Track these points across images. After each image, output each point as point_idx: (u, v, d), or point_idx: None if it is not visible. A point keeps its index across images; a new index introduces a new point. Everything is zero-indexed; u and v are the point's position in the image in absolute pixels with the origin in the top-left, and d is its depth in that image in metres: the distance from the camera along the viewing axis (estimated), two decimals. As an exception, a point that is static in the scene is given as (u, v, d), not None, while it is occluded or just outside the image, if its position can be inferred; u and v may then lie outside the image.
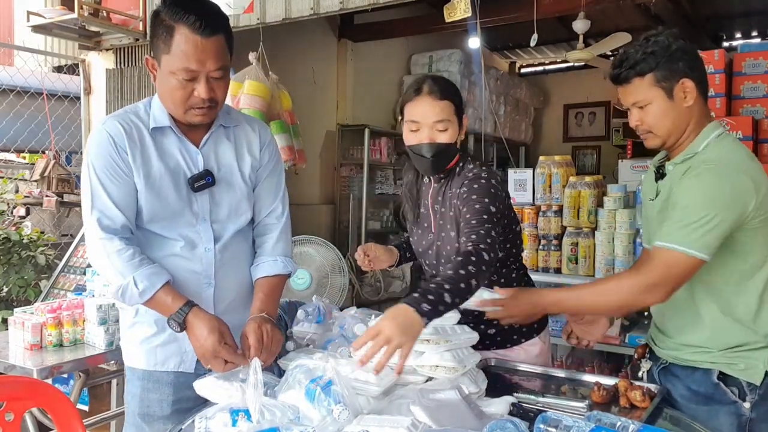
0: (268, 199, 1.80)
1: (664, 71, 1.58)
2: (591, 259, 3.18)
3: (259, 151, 1.78)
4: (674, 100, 1.60)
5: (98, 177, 1.58)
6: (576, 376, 1.80)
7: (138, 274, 1.53)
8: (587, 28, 4.49)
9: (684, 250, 1.48)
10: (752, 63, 3.35)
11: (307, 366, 1.35)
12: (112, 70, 4.26)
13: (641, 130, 1.66)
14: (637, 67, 1.59)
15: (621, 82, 1.65)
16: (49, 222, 4.20)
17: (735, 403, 1.58)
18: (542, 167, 3.38)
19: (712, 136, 1.61)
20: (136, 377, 1.69)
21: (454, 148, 1.80)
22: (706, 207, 1.48)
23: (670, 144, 1.66)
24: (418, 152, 1.79)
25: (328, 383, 1.26)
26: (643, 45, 1.60)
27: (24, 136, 4.26)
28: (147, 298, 1.54)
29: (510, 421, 1.19)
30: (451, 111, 1.77)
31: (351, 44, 5.95)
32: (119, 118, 1.63)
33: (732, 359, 1.59)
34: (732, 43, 7.16)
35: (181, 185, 1.64)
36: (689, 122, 1.62)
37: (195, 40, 1.50)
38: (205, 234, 1.68)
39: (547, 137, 8.75)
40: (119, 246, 1.54)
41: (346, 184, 5.86)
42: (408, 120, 1.79)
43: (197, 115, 1.59)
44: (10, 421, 1.64)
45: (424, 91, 1.76)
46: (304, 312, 1.83)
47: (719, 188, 1.50)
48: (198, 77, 1.53)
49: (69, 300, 2.52)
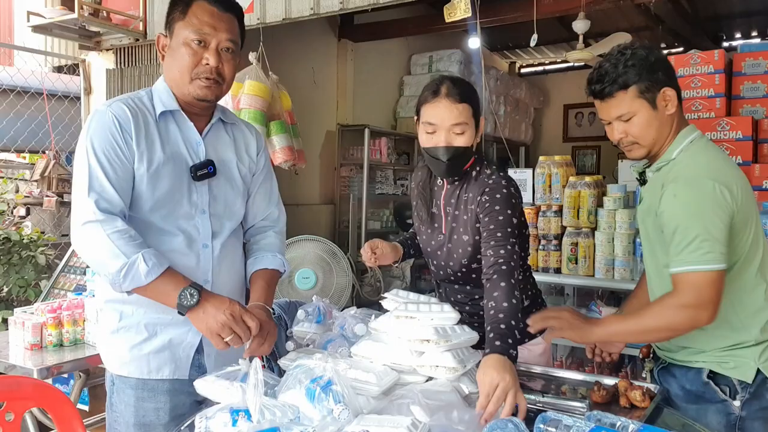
0: (263, 204, 1.83)
1: (646, 82, 1.59)
2: (591, 259, 3.18)
3: (256, 155, 1.80)
4: (657, 110, 1.62)
5: (98, 158, 1.52)
6: (576, 376, 1.80)
7: (146, 251, 1.47)
8: (587, 28, 4.49)
9: (699, 269, 1.49)
10: (752, 63, 3.35)
11: (307, 366, 1.35)
12: (112, 70, 4.26)
13: (626, 142, 1.67)
14: (619, 80, 1.60)
15: (603, 97, 1.65)
16: (49, 222, 4.20)
17: (724, 402, 1.59)
18: (542, 167, 3.38)
19: (685, 142, 1.63)
20: (128, 386, 1.63)
21: (470, 151, 1.79)
22: (695, 225, 1.49)
23: (654, 152, 1.68)
24: (434, 155, 1.77)
25: (328, 383, 1.26)
26: (620, 58, 1.61)
27: (24, 136, 4.25)
28: (154, 277, 1.46)
29: (510, 421, 1.19)
30: (469, 114, 1.74)
31: (351, 44, 5.95)
32: (125, 102, 1.61)
33: (722, 358, 1.60)
34: (732, 43, 7.16)
35: (182, 173, 1.63)
36: (671, 129, 1.65)
37: (211, 10, 1.59)
38: (203, 228, 1.66)
39: (547, 137, 8.76)
40: (121, 226, 1.48)
41: (346, 184, 5.86)
42: (424, 122, 1.77)
43: (203, 86, 1.60)
44: (10, 421, 1.64)
45: (442, 93, 1.73)
46: (304, 312, 1.83)
47: (698, 203, 1.51)
48: (209, 44, 1.58)
49: (69, 300, 2.52)
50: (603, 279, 3.15)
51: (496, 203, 1.73)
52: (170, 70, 1.63)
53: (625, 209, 3.10)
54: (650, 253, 1.73)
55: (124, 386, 1.63)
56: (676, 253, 1.52)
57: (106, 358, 1.67)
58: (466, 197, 1.83)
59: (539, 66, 8.95)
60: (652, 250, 1.71)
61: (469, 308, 1.95)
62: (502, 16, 5.02)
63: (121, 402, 1.64)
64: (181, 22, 1.58)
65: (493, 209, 1.73)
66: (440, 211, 1.92)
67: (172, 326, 1.63)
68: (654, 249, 1.69)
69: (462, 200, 1.84)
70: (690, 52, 3.52)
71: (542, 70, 8.98)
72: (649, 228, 1.69)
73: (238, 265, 1.77)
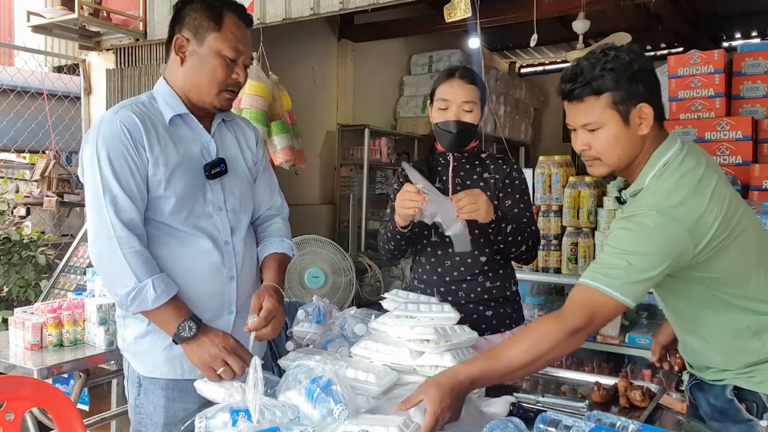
0: (267, 194, 1.86)
1: (623, 93, 1.40)
2: (591, 259, 3.18)
3: (255, 146, 1.84)
4: (629, 126, 1.42)
5: (112, 169, 1.51)
6: (576, 376, 1.80)
7: (156, 277, 1.50)
8: (587, 28, 4.48)
9: (608, 292, 1.34)
10: (752, 63, 3.35)
11: (307, 366, 1.35)
12: (113, 70, 4.26)
13: (587, 155, 1.49)
14: (593, 84, 1.41)
15: (572, 99, 1.46)
16: (49, 222, 4.21)
17: (749, 422, 1.46)
18: (542, 167, 3.38)
19: (657, 166, 1.44)
20: (158, 387, 1.62)
21: (475, 130, 1.99)
22: (635, 256, 1.34)
23: (618, 171, 1.51)
24: (444, 128, 1.96)
25: (328, 383, 1.26)
26: (601, 60, 1.42)
27: (24, 136, 4.26)
28: (159, 304, 1.49)
29: (510, 421, 1.19)
30: (477, 95, 1.97)
31: (351, 44, 5.95)
32: (131, 109, 1.59)
33: (749, 372, 1.48)
34: (732, 43, 7.16)
35: (197, 173, 1.63)
36: (641, 150, 1.46)
37: (240, 25, 1.62)
38: (223, 226, 1.67)
39: (546, 137, 8.75)
40: (137, 247, 1.50)
41: (346, 184, 5.86)
42: (438, 99, 1.98)
43: (228, 98, 1.65)
44: (10, 421, 1.64)
45: (457, 74, 1.97)
46: (304, 312, 1.83)
47: (650, 241, 1.35)
48: (238, 61, 1.62)
49: (69, 300, 2.52)
50: (603, 279, 3.15)
51: (519, 187, 2.02)
52: (194, 76, 1.61)
53: (625, 209, 3.10)
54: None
55: (153, 387, 1.63)
56: (597, 266, 1.38)
57: (135, 362, 1.65)
58: (480, 169, 2.03)
59: (539, 66, 8.94)
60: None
61: (466, 286, 2.00)
62: (502, 16, 5.02)
63: (149, 403, 1.63)
64: (216, 33, 1.58)
65: (517, 192, 2.01)
66: (447, 184, 2.03)
67: None
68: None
69: (475, 171, 2.03)
70: (690, 52, 3.52)
71: (542, 70, 8.98)
72: None
73: (255, 257, 1.80)
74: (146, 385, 1.64)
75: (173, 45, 1.62)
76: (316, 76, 5.57)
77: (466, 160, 2.05)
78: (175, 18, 1.64)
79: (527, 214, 2.01)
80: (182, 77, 1.63)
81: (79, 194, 4.22)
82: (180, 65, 1.62)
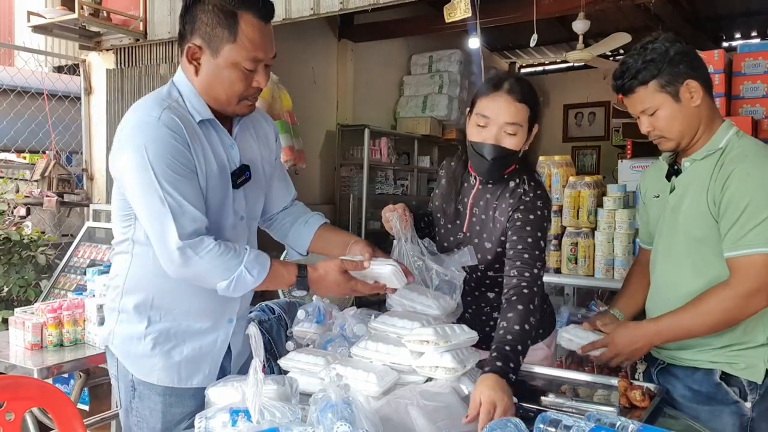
0: (289, 187, 1.86)
1: (667, 76, 1.59)
2: (590, 259, 3.18)
3: (274, 143, 1.79)
4: (681, 102, 1.61)
5: (169, 180, 1.41)
6: (576, 376, 1.79)
7: (247, 262, 1.46)
8: (587, 29, 4.49)
9: (765, 251, 1.48)
10: (752, 63, 3.34)
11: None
12: (113, 71, 4.27)
13: (653, 135, 1.67)
14: (639, 77, 1.61)
15: (626, 93, 1.67)
16: (49, 222, 4.21)
17: (737, 403, 1.58)
18: (542, 167, 3.37)
19: (731, 132, 1.62)
20: (155, 393, 1.56)
21: (516, 156, 1.71)
22: (767, 206, 1.49)
23: (684, 145, 1.66)
24: (479, 151, 1.68)
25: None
26: (641, 53, 1.62)
27: (24, 136, 4.26)
28: (260, 282, 1.48)
29: (510, 421, 1.19)
30: (525, 116, 1.66)
31: (351, 44, 5.95)
32: (171, 110, 1.47)
33: (732, 358, 1.59)
34: (732, 43, 7.16)
35: (226, 182, 1.56)
36: (701, 121, 1.63)
37: (260, 27, 1.48)
38: (240, 235, 1.62)
39: (546, 137, 8.73)
40: (211, 245, 1.43)
41: (346, 184, 5.87)
42: (478, 113, 1.68)
43: (249, 105, 1.55)
44: (10, 421, 1.64)
45: (504, 88, 1.65)
46: (304, 312, 1.83)
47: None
48: (258, 66, 1.49)
49: (69, 300, 2.52)
50: (603, 279, 3.14)
51: (528, 224, 1.68)
52: (211, 87, 1.51)
53: (625, 209, 3.09)
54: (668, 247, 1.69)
55: (150, 392, 1.57)
56: (739, 235, 1.51)
57: (128, 362, 1.59)
58: (496, 205, 1.75)
59: (539, 66, 8.94)
60: (676, 243, 1.67)
61: (471, 312, 1.87)
62: (502, 16, 5.02)
63: (145, 408, 1.57)
64: (232, 45, 1.45)
65: (524, 230, 1.68)
66: (465, 209, 1.82)
67: (202, 334, 1.59)
68: (681, 241, 1.65)
69: (491, 206, 1.77)
70: (690, 52, 3.52)
71: (542, 71, 8.98)
72: (684, 218, 1.64)
73: None
74: (141, 389, 1.57)
75: (185, 53, 1.50)
76: (316, 76, 5.57)
77: (493, 186, 1.78)
78: (184, 17, 1.50)
79: (524, 256, 1.65)
80: (198, 86, 1.52)
81: (78, 194, 4.22)
82: (195, 74, 1.51)
